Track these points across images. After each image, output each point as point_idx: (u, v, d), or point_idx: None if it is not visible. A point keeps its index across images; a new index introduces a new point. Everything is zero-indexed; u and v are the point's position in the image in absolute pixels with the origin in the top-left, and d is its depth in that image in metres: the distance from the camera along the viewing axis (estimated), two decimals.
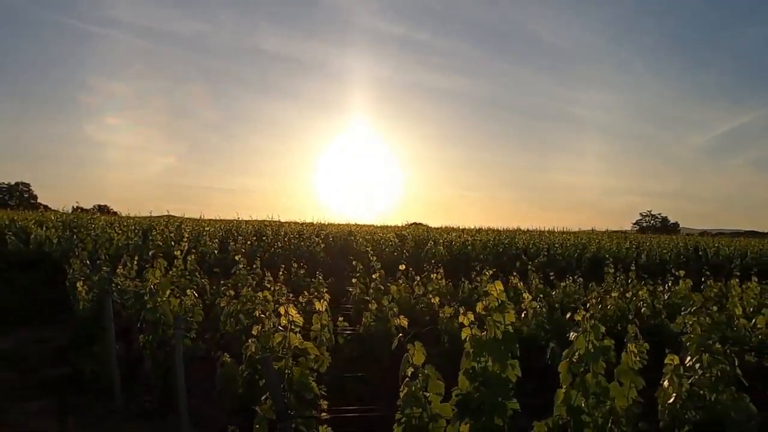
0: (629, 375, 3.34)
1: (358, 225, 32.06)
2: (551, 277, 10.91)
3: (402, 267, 8.74)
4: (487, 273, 9.00)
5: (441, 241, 20.02)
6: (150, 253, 9.83)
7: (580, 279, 10.17)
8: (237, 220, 29.69)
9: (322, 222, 32.00)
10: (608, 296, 8.23)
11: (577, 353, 3.25)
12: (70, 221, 18.47)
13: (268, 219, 30.96)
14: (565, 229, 39.59)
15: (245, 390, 4.11)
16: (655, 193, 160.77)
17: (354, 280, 8.79)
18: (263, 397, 2.92)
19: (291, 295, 7.03)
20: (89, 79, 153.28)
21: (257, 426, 2.80)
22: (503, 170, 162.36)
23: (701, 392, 3.56)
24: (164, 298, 6.02)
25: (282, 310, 3.18)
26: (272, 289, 6.98)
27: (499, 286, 3.37)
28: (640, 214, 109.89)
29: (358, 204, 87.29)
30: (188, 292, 5.92)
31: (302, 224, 28.41)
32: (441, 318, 6.13)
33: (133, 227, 17.80)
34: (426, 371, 2.97)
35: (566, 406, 3.14)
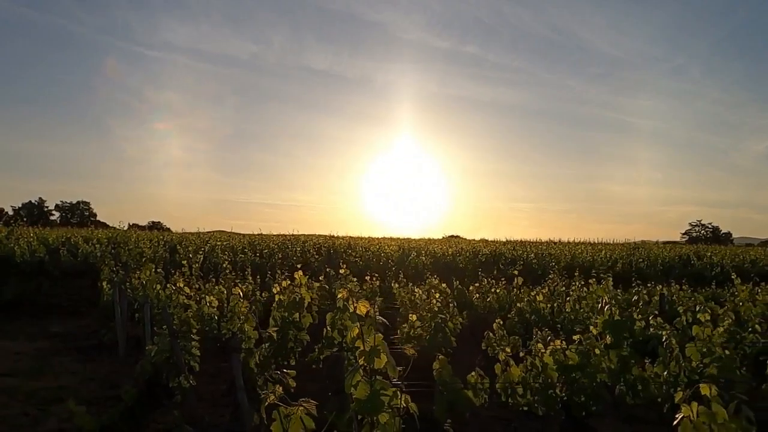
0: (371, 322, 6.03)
1: (371, 238, 34.94)
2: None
3: (342, 270, 11.52)
4: (397, 282, 11.72)
5: (424, 252, 22.60)
6: (143, 260, 12.92)
7: (493, 281, 12.67)
8: (260, 235, 33.30)
9: (337, 235, 35.29)
10: (490, 291, 10.77)
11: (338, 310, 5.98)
12: (112, 237, 22.17)
13: (288, 233, 34.39)
14: (606, 241, 40.89)
15: None
16: (714, 202, 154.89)
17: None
18: (163, 326, 5.76)
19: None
20: (146, 101, 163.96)
21: (156, 337, 5.62)
22: (554, 182, 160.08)
23: (423, 334, 6.20)
24: (154, 290, 9.03)
25: (177, 284, 6.03)
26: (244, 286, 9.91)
27: (300, 273, 6.13)
28: (689, 224, 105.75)
29: (406, 217, 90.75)
30: (168, 285, 8.87)
31: (312, 237, 31.56)
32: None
33: (162, 242, 21.27)
34: (248, 315, 5.76)
35: (326, 338, 5.87)
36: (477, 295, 10.54)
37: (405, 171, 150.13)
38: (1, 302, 14.65)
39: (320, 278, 11.89)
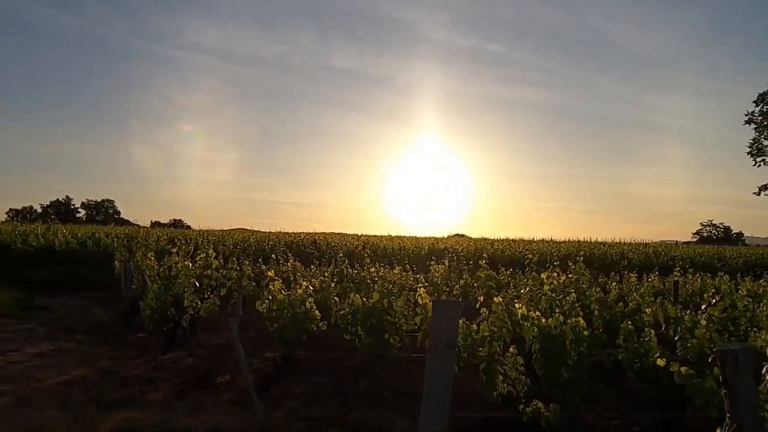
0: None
1: (345, 234, 40.25)
2: None
3: (276, 256, 16.81)
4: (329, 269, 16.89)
5: (373, 246, 27.81)
6: (146, 249, 18.38)
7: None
8: (253, 230, 39.03)
9: (322, 232, 40.77)
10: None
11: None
12: (128, 233, 27.92)
13: (275, 231, 39.98)
14: (624, 241, 45.16)
15: None
16: (748, 202, 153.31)
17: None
18: (140, 275, 10.98)
19: None
20: (171, 100, 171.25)
21: (134, 281, 10.82)
22: (580, 181, 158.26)
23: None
24: (144, 264, 14.43)
25: (148, 254, 11.33)
26: None
27: (211, 251, 11.44)
28: (700, 224, 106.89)
29: (429, 216, 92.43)
30: (153, 260, 14.21)
31: (301, 234, 37.03)
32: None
33: (164, 237, 26.91)
34: (182, 270, 11.07)
35: (218, 281, 11.17)
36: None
37: (429, 170, 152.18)
38: (49, 281, 20.24)
39: (258, 261, 17.22)
